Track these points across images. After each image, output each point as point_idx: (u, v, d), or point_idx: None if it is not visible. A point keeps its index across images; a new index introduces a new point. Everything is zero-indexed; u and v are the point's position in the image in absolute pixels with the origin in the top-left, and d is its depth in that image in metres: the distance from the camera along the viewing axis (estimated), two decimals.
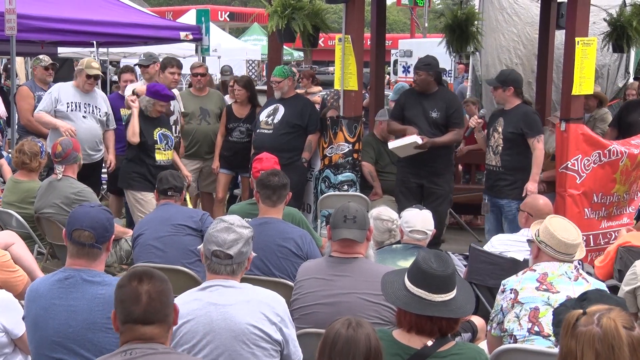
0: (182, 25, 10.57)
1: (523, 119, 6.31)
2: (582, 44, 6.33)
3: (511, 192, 6.37)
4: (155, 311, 2.47)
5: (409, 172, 6.87)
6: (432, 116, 6.77)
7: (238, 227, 3.17)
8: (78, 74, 6.91)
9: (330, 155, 7.00)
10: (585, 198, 6.46)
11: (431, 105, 6.79)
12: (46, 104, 6.83)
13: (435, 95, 6.83)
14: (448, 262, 2.87)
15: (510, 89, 6.37)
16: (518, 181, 6.34)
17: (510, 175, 6.37)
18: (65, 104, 6.81)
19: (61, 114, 6.78)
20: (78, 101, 6.86)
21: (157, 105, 6.72)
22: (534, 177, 6.29)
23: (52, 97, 6.82)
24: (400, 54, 22.93)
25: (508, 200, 6.37)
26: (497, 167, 6.42)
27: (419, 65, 6.83)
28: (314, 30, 6.96)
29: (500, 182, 6.40)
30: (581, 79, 6.36)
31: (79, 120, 6.82)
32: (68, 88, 6.91)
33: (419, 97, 6.85)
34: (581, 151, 6.39)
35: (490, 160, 6.52)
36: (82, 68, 6.87)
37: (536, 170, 6.29)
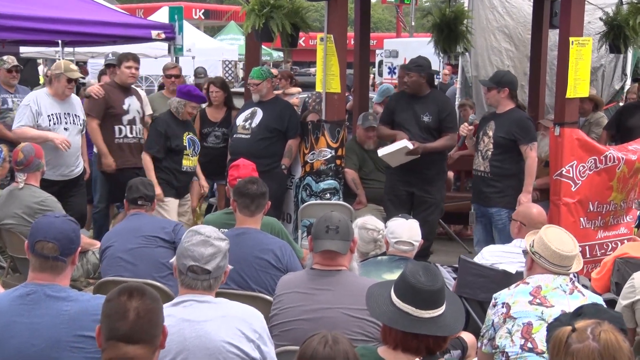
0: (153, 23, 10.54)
1: (516, 124, 6.34)
2: (576, 44, 6.38)
3: (500, 200, 6.39)
4: (142, 330, 2.46)
5: (398, 180, 6.89)
6: (423, 120, 6.80)
7: (215, 240, 3.16)
8: (55, 79, 6.65)
9: (312, 161, 7.00)
10: (580, 207, 6.51)
11: (422, 109, 6.81)
12: (27, 118, 6.55)
13: (427, 98, 6.86)
14: (437, 275, 2.87)
15: (505, 91, 6.40)
16: (508, 188, 6.37)
17: (498, 182, 6.40)
18: (46, 118, 6.59)
19: (43, 129, 6.57)
20: (58, 112, 6.66)
21: (188, 107, 6.82)
22: (527, 187, 6.32)
23: (32, 111, 6.56)
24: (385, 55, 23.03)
25: (497, 209, 6.40)
26: (486, 173, 6.45)
27: (410, 66, 6.85)
28: (293, 30, 6.97)
29: (489, 189, 6.43)
30: (576, 81, 6.41)
31: (62, 133, 6.64)
32: (45, 98, 6.65)
33: (410, 100, 6.88)
34: (576, 157, 6.43)
35: (478, 165, 6.53)
36: (61, 72, 6.62)
37: (529, 180, 6.32)
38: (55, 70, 6.69)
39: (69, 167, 6.71)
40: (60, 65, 6.74)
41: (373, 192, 7.45)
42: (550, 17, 8.11)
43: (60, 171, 6.65)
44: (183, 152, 6.83)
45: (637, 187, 6.76)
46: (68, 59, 8.92)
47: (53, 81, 6.66)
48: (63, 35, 9.38)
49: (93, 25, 9.16)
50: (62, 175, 6.64)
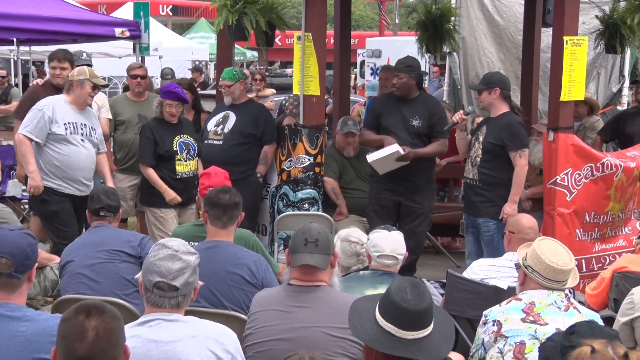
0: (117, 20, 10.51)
1: (506, 129, 6.35)
2: (571, 43, 6.43)
3: (488, 210, 6.39)
4: (101, 351, 2.43)
5: (384, 189, 6.90)
6: (413, 124, 6.82)
7: (184, 254, 3.15)
8: (77, 85, 6.47)
9: (289, 169, 7.00)
10: (576, 217, 6.55)
11: (412, 112, 6.84)
12: (37, 124, 6.33)
13: (416, 101, 6.89)
14: (424, 294, 2.87)
15: (496, 91, 6.41)
16: (496, 198, 6.36)
17: (487, 191, 6.40)
18: (62, 126, 6.39)
19: (57, 137, 6.37)
20: (75, 121, 6.47)
21: (165, 106, 6.82)
22: (513, 197, 6.31)
23: (46, 116, 6.35)
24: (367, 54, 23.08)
25: (485, 219, 6.40)
26: (474, 181, 6.47)
27: (399, 67, 6.86)
28: (269, 27, 6.97)
29: (477, 197, 6.44)
30: (570, 83, 6.46)
31: (78, 145, 6.47)
32: (62, 104, 6.47)
33: (398, 103, 6.89)
34: (571, 164, 6.48)
35: (467, 173, 6.58)
36: (86, 78, 6.46)
37: (516, 189, 6.32)
38: (79, 75, 6.51)
39: (84, 183, 6.56)
40: (84, 70, 6.58)
41: (354, 202, 7.46)
42: (543, 14, 8.17)
43: (76, 186, 6.50)
44: (174, 157, 6.82)
45: (636, 196, 6.80)
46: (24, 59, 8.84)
47: (74, 87, 6.49)
48: (18, 32, 9.33)
49: (51, 22, 9.12)
50: (79, 191, 6.51)
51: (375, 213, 6.91)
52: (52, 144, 6.42)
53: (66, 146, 6.43)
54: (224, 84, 7.16)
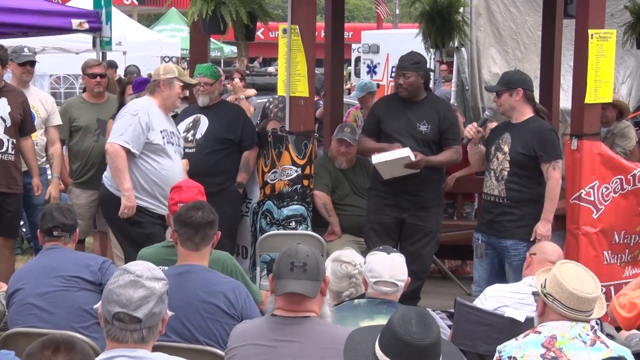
0: (74, 10, 10.50)
1: (538, 137, 6.29)
2: (597, 38, 6.46)
3: (518, 231, 6.33)
4: None
5: (385, 204, 6.90)
6: (420, 130, 6.81)
7: (148, 280, 3.14)
8: (165, 86, 6.39)
9: (273, 182, 7.01)
10: (604, 237, 6.56)
11: (419, 117, 6.84)
12: (134, 132, 6.21)
13: (423, 103, 6.90)
14: (432, 326, 2.88)
15: (519, 92, 6.37)
16: (527, 217, 6.32)
17: (517, 209, 6.34)
18: (159, 134, 6.31)
19: (154, 148, 6.28)
20: (167, 128, 6.41)
21: None
22: (547, 215, 6.28)
23: (142, 122, 6.24)
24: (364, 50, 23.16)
25: (514, 242, 6.32)
26: (501, 198, 6.38)
27: (405, 65, 6.84)
28: (250, 19, 6.99)
29: (505, 217, 6.37)
30: (597, 83, 6.48)
31: (173, 157, 6.39)
32: (155, 109, 6.37)
33: (402, 106, 6.89)
34: (598, 176, 6.49)
35: (491, 189, 6.45)
36: (174, 76, 6.42)
37: (550, 206, 6.28)
38: (166, 74, 6.44)
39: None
40: (171, 68, 6.56)
41: (349, 220, 7.46)
42: (565, 4, 8.23)
43: (165, 205, 6.30)
44: None
45: None
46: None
47: (161, 88, 6.40)
48: None
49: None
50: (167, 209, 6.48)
51: (374, 232, 6.91)
52: (148, 155, 6.29)
53: (163, 158, 6.34)
54: (204, 82, 7.17)
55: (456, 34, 8.61)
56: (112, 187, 6.36)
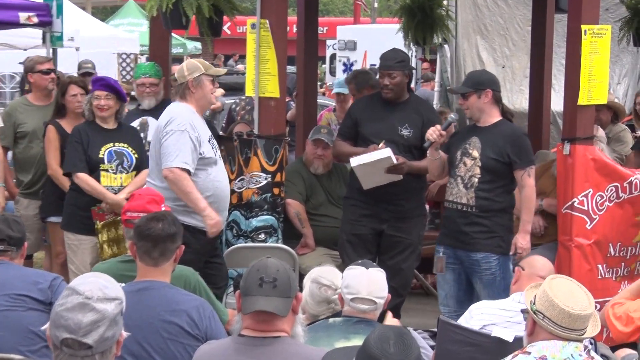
0: (22, 2, 10.44)
1: (511, 142, 6.35)
2: (591, 34, 6.49)
3: (489, 242, 6.36)
4: None
5: (363, 214, 6.91)
6: (402, 134, 6.82)
7: (98, 302, 3.11)
8: (194, 86, 6.24)
9: (240, 190, 7.00)
10: (598, 250, 6.59)
11: (400, 119, 6.86)
12: (190, 151, 6.10)
13: (405, 105, 6.93)
14: (412, 347, 2.89)
15: (488, 93, 6.40)
16: (498, 227, 6.36)
17: (487, 219, 6.36)
18: (208, 144, 6.28)
19: (208, 161, 6.25)
20: (209, 135, 6.38)
21: (93, 99, 6.83)
22: (525, 226, 6.32)
23: (192, 137, 6.13)
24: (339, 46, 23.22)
25: (485, 254, 6.35)
26: (469, 207, 6.38)
27: (391, 64, 6.85)
28: (215, 13, 6.99)
29: (474, 227, 6.38)
30: (590, 83, 6.51)
31: (221, 167, 6.41)
32: (194, 116, 6.27)
33: (383, 107, 6.89)
34: (592, 184, 6.53)
35: (458, 197, 6.43)
36: (201, 73, 6.26)
37: (527, 217, 6.33)
38: (191, 72, 6.28)
39: (224, 214, 6.44)
40: (195, 64, 6.37)
41: (324, 231, 7.47)
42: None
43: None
44: (99, 167, 6.82)
45: None
46: None
47: (191, 90, 6.27)
48: None
49: None
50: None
51: (350, 244, 6.91)
52: (201, 169, 6.23)
53: (213, 169, 6.30)
54: (148, 82, 7.20)
55: (439, 30, 8.63)
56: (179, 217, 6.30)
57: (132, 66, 21.08)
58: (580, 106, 6.53)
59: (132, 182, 6.82)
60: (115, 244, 6.80)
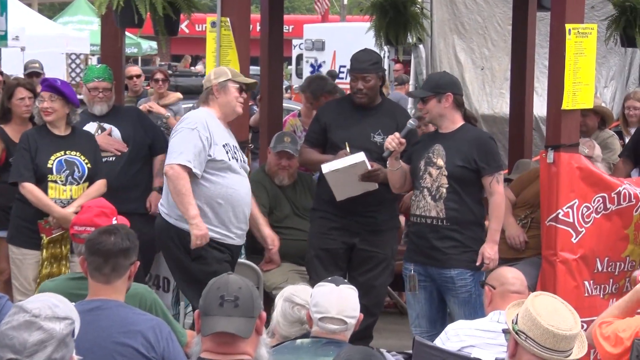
0: None
1: (477, 147, 6.38)
2: (575, 33, 6.53)
3: (462, 258, 6.38)
4: None
5: (333, 227, 6.91)
6: (374, 141, 6.83)
7: (46, 321, 3.10)
8: (219, 92, 6.36)
9: None
10: (584, 265, 6.63)
11: (373, 125, 6.88)
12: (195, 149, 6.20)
13: (378, 110, 6.96)
14: None
15: (449, 97, 6.40)
16: (470, 240, 6.39)
17: (458, 232, 6.38)
18: (222, 149, 6.33)
19: (218, 165, 6.29)
20: (229, 142, 6.44)
21: (38, 102, 6.81)
22: (494, 235, 6.35)
23: (203, 137, 6.23)
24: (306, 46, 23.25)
25: (460, 271, 6.36)
26: (440, 220, 6.37)
27: (364, 66, 6.86)
28: (171, 10, 6.98)
29: (445, 242, 6.37)
30: (575, 86, 6.55)
31: (240, 173, 6.44)
32: (213, 119, 6.38)
33: (354, 112, 6.90)
34: (578, 194, 6.56)
35: (426, 210, 6.40)
36: (228, 79, 6.37)
37: (496, 225, 6.37)
38: (218, 77, 6.40)
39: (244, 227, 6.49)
40: (223, 70, 6.48)
41: (290, 245, 7.44)
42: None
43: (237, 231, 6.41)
44: (47, 178, 6.78)
45: None
46: None
47: (215, 95, 6.39)
48: None
49: None
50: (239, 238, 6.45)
51: (319, 260, 6.91)
52: (211, 173, 6.30)
53: (228, 175, 6.35)
54: (100, 86, 7.20)
55: (413, 29, 8.65)
56: (171, 216, 6.34)
57: (82, 67, 21.00)
58: (564, 111, 6.57)
59: (83, 195, 6.76)
60: (54, 263, 6.76)
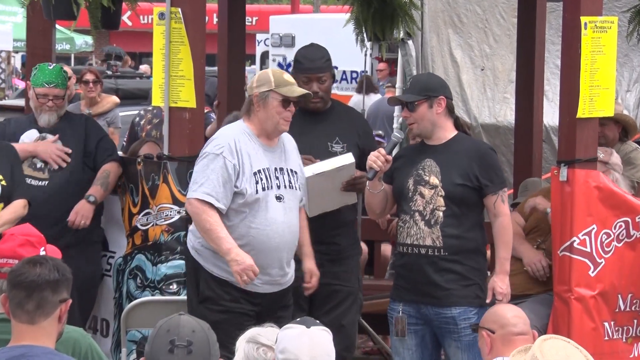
0: None
1: (477, 161, 6.38)
2: (593, 27, 6.57)
3: (465, 294, 6.38)
4: None
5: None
6: (334, 151, 6.89)
7: None
8: (259, 104, 6.24)
9: (145, 227, 6.99)
10: (604, 303, 6.65)
11: (329, 133, 6.95)
12: (218, 181, 6.16)
13: (330, 114, 7.02)
14: None
15: (441, 102, 6.41)
16: (473, 272, 6.39)
17: (459, 264, 6.36)
18: (252, 178, 6.25)
19: (244, 200, 6.23)
20: (267, 166, 6.31)
21: None
22: (504, 266, 6.37)
23: (229, 166, 6.18)
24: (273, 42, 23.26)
25: (463, 309, 6.36)
26: (437, 250, 6.34)
27: (319, 65, 6.93)
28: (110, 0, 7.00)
29: (444, 275, 6.34)
30: (592, 90, 6.59)
31: (275, 208, 6.29)
32: (247, 141, 6.31)
33: (305, 119, 6.92)
34: (596, 219, 6.60)
35: (419, 238, 6.35)
36: (270, 88, 6.22)
37: (505, 253, 6.37)
38: (260, 85, 6.30)
39: (283, 272, 6.34)
40: (266, 76, 6.35)
41: None
42: None
43: (268, 278, 6.28)
44: None
45: None
46: None
47: (256, 107, 6.30)
48: None
49: None
50: (271, 285, 6.31)
51: None
52: (235, 209, 6.26)
53: (256, 212, 6.27)
54: (54, 94, 7.20)
55: (401, 21, 8.68)
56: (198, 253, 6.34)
57: (2, 67, 21.00)
58: (580, 119, 6.60)
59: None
60: None
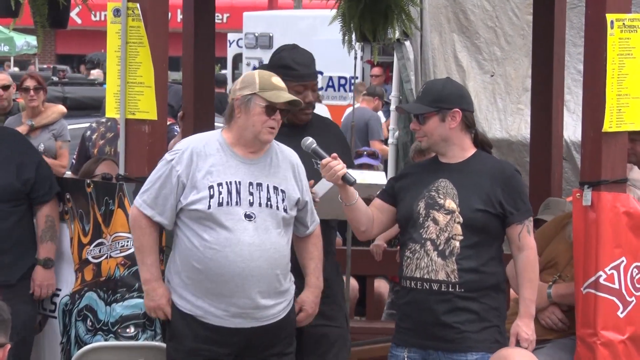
0: None
1: (502, 184, 6.38)
2: (620, 26, 6.60)
3: (483, 337, 6.38)
4: None
5: None
6: (317, 169, 6.89)
7: None
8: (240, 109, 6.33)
9: (98, 260, 6.98)
10: (635, 349, 6.67)
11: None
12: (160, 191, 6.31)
13: (310, 127, 7.10)
14: None
15: (456, 115, 6.40)
16: (491, 313, 6.39)
17: (476, 302, 6.37)
18: (206, 191, 6.30)
19: (196, 215, 6.30)
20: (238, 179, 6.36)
21: None
22: (529, 308, 6.38)
23: (173, 176, 6.30)
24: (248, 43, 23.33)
25: (481, 355, 6.34)
26: (451, 285, 6.35)
27: (311, 72, 7.03)
28: None
29: (460, 316, 6.35)
30: (620, 99, 6.61)
31: (239, 229, 6.29)
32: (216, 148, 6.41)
33: (288, 133, 6.96)
34: (626, 250, 6.61)
35: (430, 272, 6.28)
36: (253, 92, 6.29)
37: (530, 294, 6.37)
38: (243, 88, 6.39)
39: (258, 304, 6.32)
40: (252, 77, 6.45)
41: None
42: None
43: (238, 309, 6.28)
44: None
45: None
46: None
47: (236, 113, 6.39)
48: None
49: None
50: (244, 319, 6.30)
51: None
52: (190, 225, 6.32)
53: (212, 230, 6.29)
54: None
55: (396, 19, 8.69)
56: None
57: None
58: (606, 134, 6.61)
59: None
60: None
